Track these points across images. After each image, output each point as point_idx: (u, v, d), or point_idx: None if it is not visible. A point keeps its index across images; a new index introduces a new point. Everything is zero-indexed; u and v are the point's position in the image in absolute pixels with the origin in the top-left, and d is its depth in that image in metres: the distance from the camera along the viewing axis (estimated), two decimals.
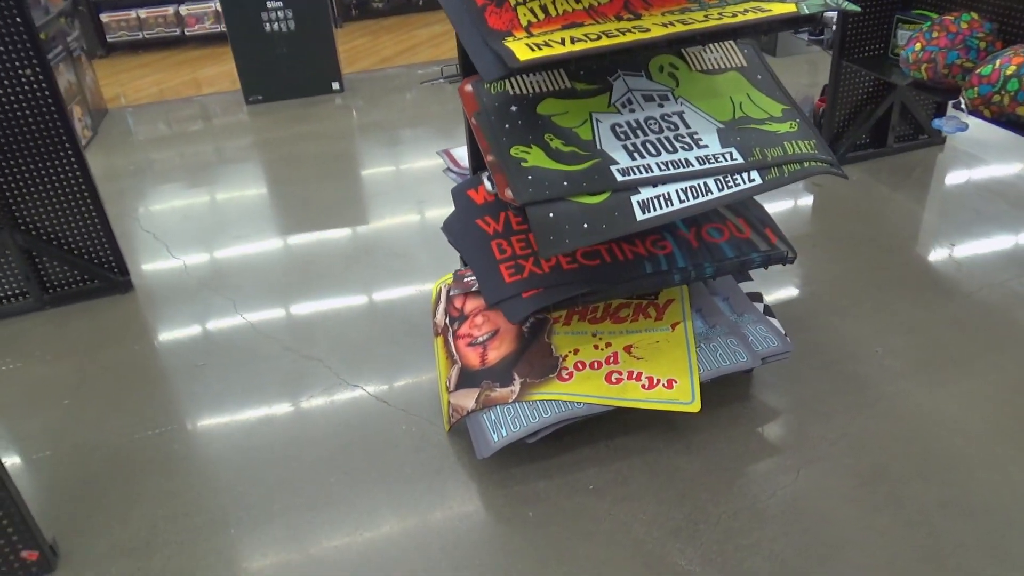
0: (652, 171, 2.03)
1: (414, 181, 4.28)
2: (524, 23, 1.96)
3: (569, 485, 2.19)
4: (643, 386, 2.22)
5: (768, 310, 2.57)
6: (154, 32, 7.51)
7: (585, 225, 1.94)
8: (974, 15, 3.21)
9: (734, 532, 2.02)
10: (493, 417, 2.19)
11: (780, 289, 3.02)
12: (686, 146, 2.10)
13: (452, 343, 2.45)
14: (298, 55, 5.68)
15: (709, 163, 2.06)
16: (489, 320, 2.43)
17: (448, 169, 2.94)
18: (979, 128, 3.41)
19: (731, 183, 2.04)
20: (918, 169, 3.92)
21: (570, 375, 2.25)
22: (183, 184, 4.51)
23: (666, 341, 2.34)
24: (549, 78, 2.21)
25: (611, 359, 2.30)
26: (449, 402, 2.32)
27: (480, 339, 2.41)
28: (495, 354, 2.35)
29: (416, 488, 2.23)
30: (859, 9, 2.02)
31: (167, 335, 3.08)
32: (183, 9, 7.45)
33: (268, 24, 5.57)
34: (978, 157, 3.94)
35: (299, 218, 4.00)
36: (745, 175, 2.06)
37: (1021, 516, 2.01)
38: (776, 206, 3.63)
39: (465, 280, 2.56)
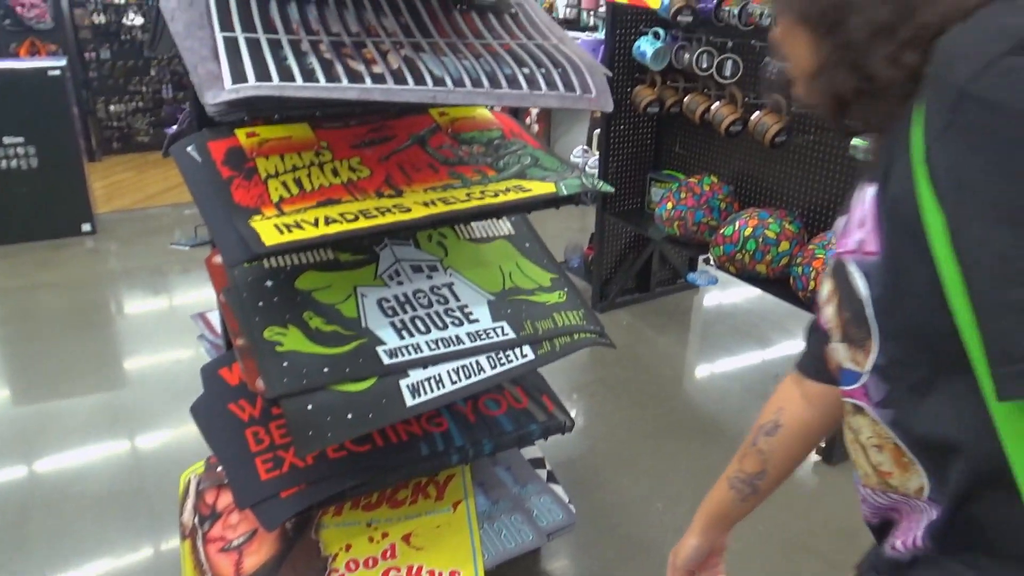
0: (422, 351, 1.91)
1: (176, 336, 3.87)
2: (275, 199, 1.81)
3: None
4: None
5: (552, 476, 2.50)
6: None
7: (349, 416, 1.76)
8: (714, 178, 3.56)
9: None
10: None
11: (561, 447, 2.99)
12: (456, 321, 2.02)
13: (201, 548, 2.10)
14: (41, 194, 5.10)
15: (480, 339, 1.99)
16: (247, 518, 2.12)
17: (203, 336, 2.65)
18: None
19: (503, 360, 1.97)
20: (678, 312, 4.20)
21: None
22: None
23: (448, 525, 2.17)
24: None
25: (388, 553, 2.08)
26: None
27: (235, 542, 2.08)
28: (253, 560, 2.04)
29: None
30: (612, 190, 2.12)
31: None
32: None
33: (5, 161, 4.99)
34: (727, 299, 4.31)
35: (25, 386, 3.43)
36: (517, 351, 2.00)
37: None
38: None
39: (219, 470, 2.24)
